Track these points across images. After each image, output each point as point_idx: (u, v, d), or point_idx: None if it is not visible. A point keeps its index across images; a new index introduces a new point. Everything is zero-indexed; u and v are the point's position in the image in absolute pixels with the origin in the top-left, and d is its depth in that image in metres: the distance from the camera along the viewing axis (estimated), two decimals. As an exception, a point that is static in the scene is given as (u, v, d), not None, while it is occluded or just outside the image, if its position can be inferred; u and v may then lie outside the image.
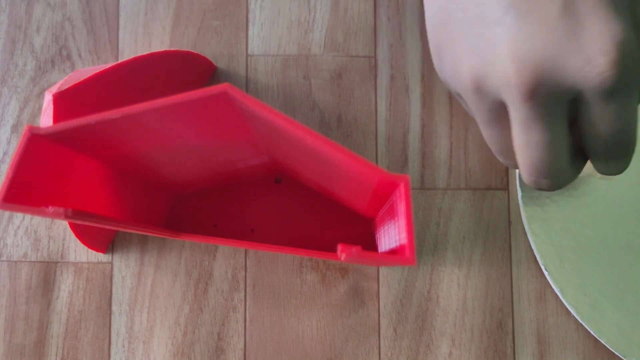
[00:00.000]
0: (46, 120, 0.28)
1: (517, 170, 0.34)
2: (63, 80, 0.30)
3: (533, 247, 0.33)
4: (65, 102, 0.27)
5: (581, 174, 0.33)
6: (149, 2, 0.36)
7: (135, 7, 0.36)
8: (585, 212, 0.33)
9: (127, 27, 0.36)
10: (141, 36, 0.36)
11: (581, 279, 0.33)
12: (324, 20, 0.36)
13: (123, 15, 0.36)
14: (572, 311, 0.33)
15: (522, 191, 0.33)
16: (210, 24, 0.36)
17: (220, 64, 0.36)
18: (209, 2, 0.36)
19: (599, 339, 0.32)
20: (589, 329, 0.32)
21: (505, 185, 0.35)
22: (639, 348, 0.32)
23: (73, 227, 0.32)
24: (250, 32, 0.36)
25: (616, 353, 0.32)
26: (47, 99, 0.27)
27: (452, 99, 0.35)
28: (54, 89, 0.28)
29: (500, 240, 0.34)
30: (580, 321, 0.32)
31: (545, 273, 0.33)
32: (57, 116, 0.27)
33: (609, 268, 0.33)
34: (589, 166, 0.34)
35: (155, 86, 0.33)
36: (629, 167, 0.33)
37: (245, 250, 0.34)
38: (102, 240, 0.34)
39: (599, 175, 0.33)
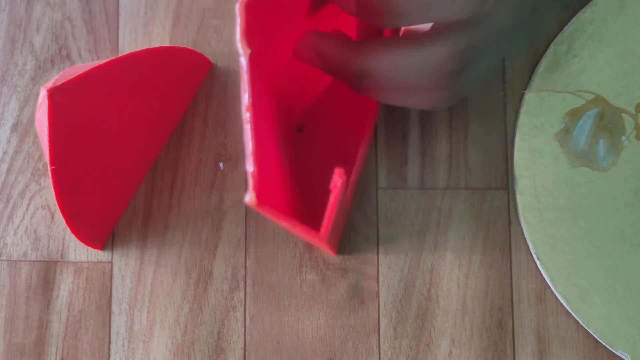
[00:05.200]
0: (41, 115, 0.28)
1: (514, 161, 0.34)
2: (58, 76, 0.29)
3: (526, 236, 0.33)
4: (60, 97, 0.27)
5: (576, 166, 0.34)
6: (148, 1, 0.36)
7: (135, 6, 0.36)
8: (579, 203, 0.33)
9: (127, 26, 0.36)
10: (141, 35, 0.36)
11: (572, 270, 0.33)
12: (324, 20, 0.36)
13: (123, 15, 0.36)
14: (561, 301, 0.33)
15: (518, 180, 0.34)
16: (210, 23, 0.36)
17: (221, 63, 0.36)
18: (209, 1, 0.36)
19: (588, 329, 0.32)
20: (577, 319, 0.32)
21: (505, 185, 0.35)
22: (627, 339, 0.32)
23: (69, 222, 0.32)
24: (250, 31, 0.36)
25: (604, 344, 0.32)
26: (42, 94, 0.27)
27: (452, 98, 0.35)
28: (49, 84, 0.27)
29: (500, 240, 0.34)
30: (570, 311, 0.33)
31: (537, 262, 0.33)
32: (52, 111, 0.27)
33: (600, 259, 0.33)
34: (584, 158, 0.34)
35: (150, 82, 0.33)
36: (624, 160, 0.33)
37: (245, 249, 0.34)
38: (98, 236, 0.34)
39: (595, 166, 0.34)
